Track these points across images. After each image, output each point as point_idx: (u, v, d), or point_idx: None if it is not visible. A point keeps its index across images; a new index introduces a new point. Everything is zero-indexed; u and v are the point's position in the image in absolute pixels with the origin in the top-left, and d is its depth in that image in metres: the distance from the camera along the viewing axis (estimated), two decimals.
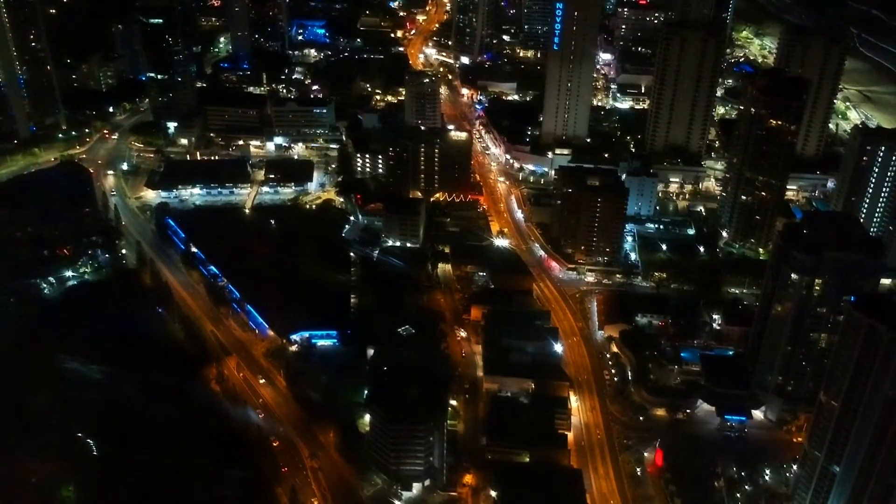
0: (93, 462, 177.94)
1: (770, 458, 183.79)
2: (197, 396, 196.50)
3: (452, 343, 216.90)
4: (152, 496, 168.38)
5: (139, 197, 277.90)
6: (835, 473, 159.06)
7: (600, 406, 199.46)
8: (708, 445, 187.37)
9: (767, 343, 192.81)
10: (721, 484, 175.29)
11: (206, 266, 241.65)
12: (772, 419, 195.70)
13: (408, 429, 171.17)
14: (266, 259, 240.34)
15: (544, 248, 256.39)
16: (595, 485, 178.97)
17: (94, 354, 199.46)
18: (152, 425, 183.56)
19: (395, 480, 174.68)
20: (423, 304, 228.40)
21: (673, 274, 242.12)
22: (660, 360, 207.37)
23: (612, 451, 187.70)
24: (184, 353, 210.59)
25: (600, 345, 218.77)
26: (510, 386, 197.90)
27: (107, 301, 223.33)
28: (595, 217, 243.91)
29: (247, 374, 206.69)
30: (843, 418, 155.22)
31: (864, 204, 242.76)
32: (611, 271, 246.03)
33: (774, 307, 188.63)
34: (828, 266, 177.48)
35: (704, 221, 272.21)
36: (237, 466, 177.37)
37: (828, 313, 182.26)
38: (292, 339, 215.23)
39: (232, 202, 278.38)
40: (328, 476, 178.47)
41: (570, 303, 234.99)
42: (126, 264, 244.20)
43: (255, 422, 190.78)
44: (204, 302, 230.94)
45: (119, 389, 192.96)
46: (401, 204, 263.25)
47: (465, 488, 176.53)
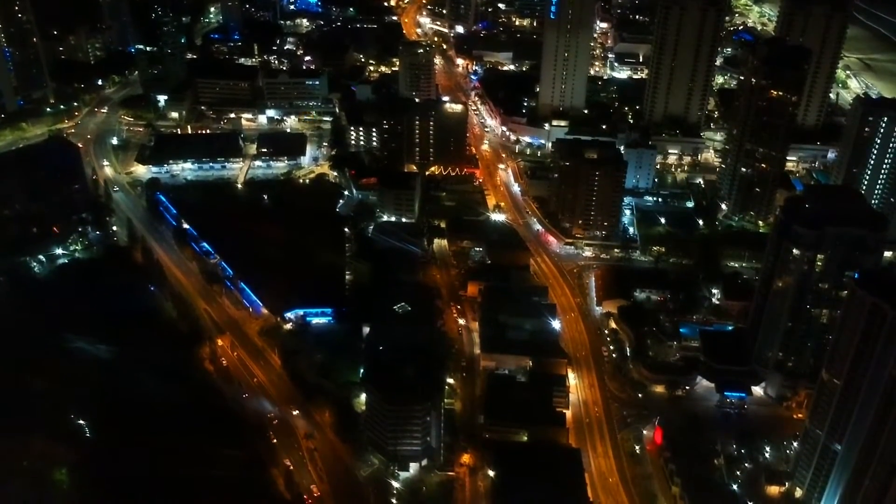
0: (86, 443, 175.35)
1: (770, 435, 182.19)
2: (190, 376, 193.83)
3: (449, 320, 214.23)
4: (146, 477, 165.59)
5: (129, 172, 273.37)
6: (836, 452, 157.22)
7: (599, 383, 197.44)
8: (707, 422, 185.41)
9: (768, 319, 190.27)
10: (721, 461, 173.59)
11: (199, 243, 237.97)
12: (772, 395, 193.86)
13: (404, 409, 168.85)
14: (259, 235, 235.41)
15: (541, 223, 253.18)
16: (594, 463, 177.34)
17: (86, 334, 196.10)
18: (145, 405, 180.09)
19: (392, 461, 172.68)
20: (419, 280, 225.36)
21: (672, 248, 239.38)
22: (659, 336, 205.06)
23: (610, 429, 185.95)
24: (177, 332, 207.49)
25: (598, 321, 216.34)
26: (508, 363, 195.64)
27: (98, 279, 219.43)
28: (593, 191, 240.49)
29: (241, 353, 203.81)
30: (846, 397, 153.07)
31: (865, 176, 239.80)
32: (609, 246, 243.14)
33: (775, 282, 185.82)
34: (830, 241, 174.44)
35: (703, 194, 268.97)
36: (231, 447, 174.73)
37: (830, 289, 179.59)
38: (286, 317, 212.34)
39: (224, 177, 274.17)
40: (324, 456, 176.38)
41: (568, 278, 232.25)
42: (117, 241, 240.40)
43: (249, 402, 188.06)
44: (196, 279, 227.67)
45: (111, 369, 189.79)
46: (395, 178, 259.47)
47: (462, 468, 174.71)
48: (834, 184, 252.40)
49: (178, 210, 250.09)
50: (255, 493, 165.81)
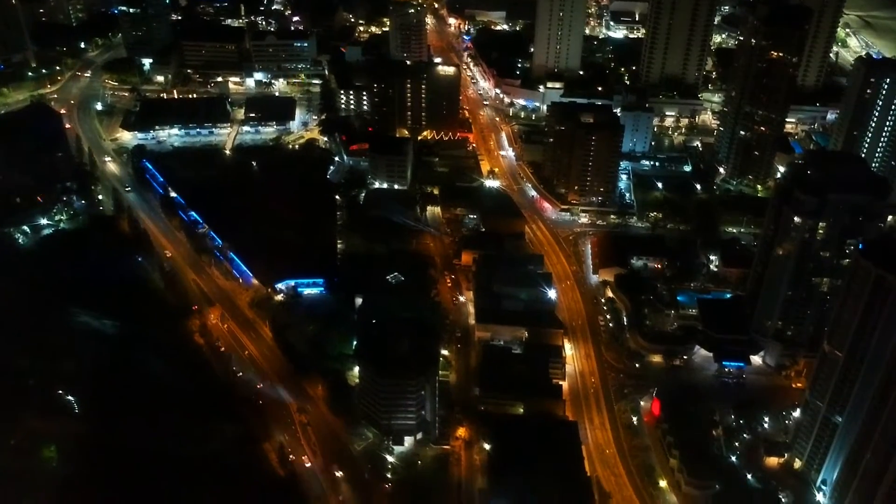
0: (75, 419, 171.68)
1: (769, 405, 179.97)
2: (180, 350, 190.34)
3: (443, 290, 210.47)
4: (137, 453, 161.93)
5: (115, 139, 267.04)
6: (836, 424, 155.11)
7: (595, 353, 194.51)
8: (705, 392, 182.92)
9: (767, 287, 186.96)
10: (719, 432, 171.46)
11: (187, 211, 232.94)
12: (770, 365, 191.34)
13: (398, 383, 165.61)
14: (248, 203, 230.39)
15: (536, 189, 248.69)
16: (591, 435, 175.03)
17: (73, 307, 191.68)
18: (134, 380, 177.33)
19: (387, 435, 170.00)
20: (412, 249, 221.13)
21: (669, 213, 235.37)
22: (656, 305, 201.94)
23: (607, 400, 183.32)
24: (165, 305, 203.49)
25: (595, 289, 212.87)
26: (503, 334, 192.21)
27: (84, 250, 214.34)
28: (589, 156, 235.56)
29: (231, 325, 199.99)
30: (848, 369, 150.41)
31: (865, 138, 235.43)
32: (605, 212, 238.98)
33: (775, 250, 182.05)
34: (832, 208, 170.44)
35: (701, 157, 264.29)
36: (223, 422, 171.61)
37: (831, 257, 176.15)
38: (277, 288, 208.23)
39: (211, 143, 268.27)
40: (317, 430, 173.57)
41: (564, 245, 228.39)
42: (103, 211, 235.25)
43: (241, 376, 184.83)
44: (185, 249, 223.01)
45: (99, 342, 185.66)
46: (387, 144, 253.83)
47: (457, 441, 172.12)
48: (833, 146, 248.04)
49: (165, 177, 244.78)
50: (248, 469, 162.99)
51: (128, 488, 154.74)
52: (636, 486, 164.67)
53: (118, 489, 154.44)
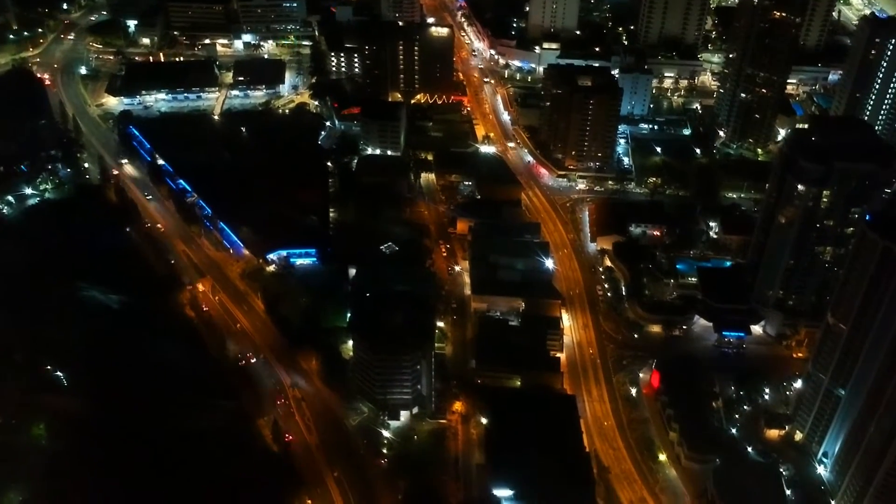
0: (64, 395, 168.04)
1: (769, 376, 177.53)
2: (170, 323, 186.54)
3: (438, 259, 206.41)
4: (125, 430, 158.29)
5: (100, 104, 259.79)
6: (840, 397, 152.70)
7: (593, 324, 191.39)
8: (705, 363, 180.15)
9: (769, 256, 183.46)
10: (719, 404, 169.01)
11: (175, 180, 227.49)
12: (771, 334, 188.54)
13: (393, 358, 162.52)
14: (238, 171, 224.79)
15: (532, 154, 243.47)
16: (589, 408, 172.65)
17: (59, 279, 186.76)
18: (124, 354, 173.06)
19: (382, 409, 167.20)
20: (406, 218, 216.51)
21: (668, 178, 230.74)
22: (655, 274, 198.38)
23: (605, 372, 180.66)
24: (154, 276, 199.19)
25: (593, 258, 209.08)
26: (499, 305, 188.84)
27: (70, 220, 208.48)
28: (587, 120, 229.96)
29: (222, 297, 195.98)
30: (852, 342, 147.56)
31: (869, 101, 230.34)
32: (603, 177, 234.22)
33: (777, 219, 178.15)
34: (837, 176, 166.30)
35: (700, 120, 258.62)
36: (215, 398, 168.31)
37: (835, 226, 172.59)
38: (269, 258, 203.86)
39: (199, 108, 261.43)
40: (312, 405, 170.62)
41: (561, 213, 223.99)
42: (89, 180, 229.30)
43: (233, 350, 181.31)
44: (174, 219, 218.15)
45: (87, 316, 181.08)
46: (379, 108, 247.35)
47: (454, 415, 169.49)
48: (836, 109, 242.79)
49: (153, 144, 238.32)
50: (241, 446, 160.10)
51: (116, 466, 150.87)
52: (635, 460, 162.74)
53: (107, 466, 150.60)
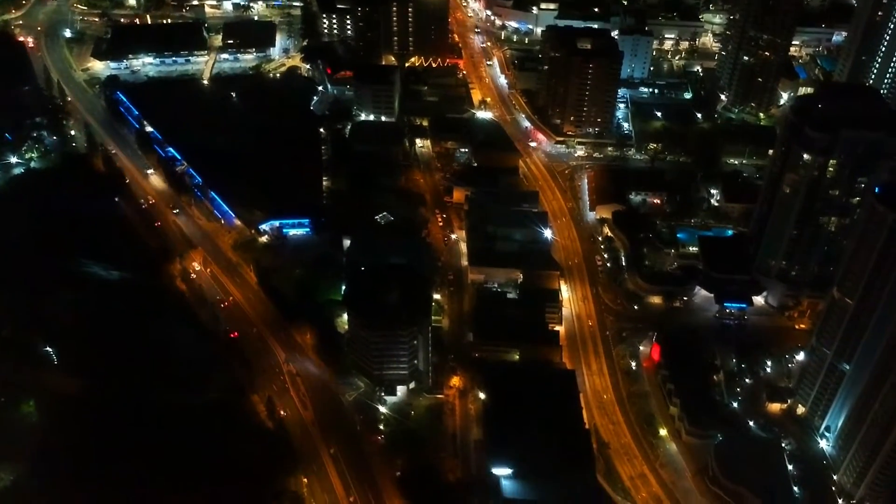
0: (54, 372, 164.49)
1: (771, 348, 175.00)
2: (162, 296, 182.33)
3: (434, 229, 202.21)
4: (118, 406, 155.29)
5: (86, 69, 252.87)
6: (844, 371, 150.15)
7: (592, 295, 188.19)
8: (705, 334, 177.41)
9: (772, 226, 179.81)
10: (720, 377, 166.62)
11: (164, 147, 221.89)
12: (773, 305, 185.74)
13: (389, 334, 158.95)
14: (229, 138, 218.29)
15: (530, 119, 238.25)
16: (588, 382, 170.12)
17: (46, 251, 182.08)
18: (114, 328, 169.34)
19: (378, 385, 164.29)
20: (401, 186, 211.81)
21: (668, 144, 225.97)
22: (655, 243, 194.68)
23: (605, 345, 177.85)
24: (145, 248, 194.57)
25: (592, 227, 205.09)
26: (497, 276, 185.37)
27: (58, 190, 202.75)
28: (586, 84, 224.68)
29: (214, 269, 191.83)
30: (858, 316, 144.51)
31: (874, 64, 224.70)
32: (602, 143, 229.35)
33: (782, 188, 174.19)
34: (844, 145, 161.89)
35: (701, 83, 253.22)
36: (208, 373, 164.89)
37: (840, 195, 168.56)
38: (261, 229, 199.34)
39: (188, 72, 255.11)
40: (306, 381, 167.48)
41: (560, 180, 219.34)
42: (76, 148, 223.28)
43: (226, 325, 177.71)
44: (164, 189, 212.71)
45: (76, 289, 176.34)
46: (373, 72, 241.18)
47: (451, 390, 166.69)
48: (840, 72, 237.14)
49: (140, 111, 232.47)
50: (235, 422, 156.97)
51: (108, 443, 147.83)
52: (635, 435, 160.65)
53: (98, 443, 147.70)
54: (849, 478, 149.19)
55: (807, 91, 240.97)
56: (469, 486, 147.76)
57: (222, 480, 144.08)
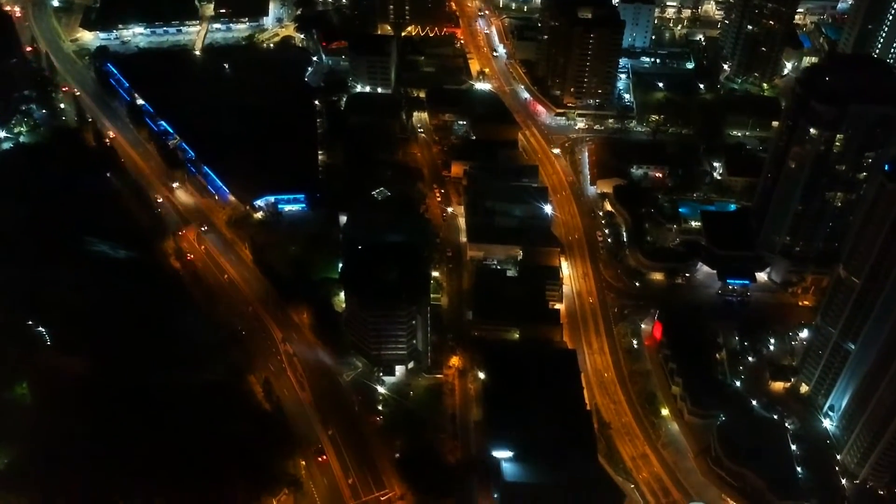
0: (47, 353, 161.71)
1: (774, 324, 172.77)
2: (156, 275, 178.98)
3: (432, 204, 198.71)
4: (113, 388, 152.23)
5: (75, 39, 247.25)
6: (849, 351, 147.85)
7: (593, 272, 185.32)
8: (708, 311, 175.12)
9: (777, 201, 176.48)
10: (723, 355, 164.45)
11: (156, 121, 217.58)
12: (776, 281, 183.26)
13: (388, 314, 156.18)
14: (222, 111, 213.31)
15: (529, 91, 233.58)
16: (589, 360, 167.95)
17: (37, 229, 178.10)
18: (108, 308, 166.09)
19: (377, 365, 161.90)
20: (398, 161, 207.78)
21: (670, 116, 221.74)
22: (657, 219, 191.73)
23: (606, 323, 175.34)
24: (138, 225, 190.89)
25: (592, 202, 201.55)
26: (496, 253, 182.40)
27: (48, 166, 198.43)
28: (587, 55, 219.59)
29: (209, 246, 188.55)
30: (864, 296, 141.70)
31: (881, 33, 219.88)
32: (603, 115, 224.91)
33: (787, 163, 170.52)
34: (852, 120, 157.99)
35: (704, 53, 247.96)
36: (203, 353, 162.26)
37: (847, 170, 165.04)
38: (256, 205, 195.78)
39: (180, 43, 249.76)
40: (304, 361, 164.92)
41: (560, 153, 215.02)
42: (66, 121, 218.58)
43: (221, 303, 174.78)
44: (156, 163, 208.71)
45: (68, 268, 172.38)
46: (368, 42, 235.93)
47: (451, 370, 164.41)
48: (846, 42, 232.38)
49: (131, 83, 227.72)
50: (232, 404, 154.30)
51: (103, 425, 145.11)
52: (636, 414, 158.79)
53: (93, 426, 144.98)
54: (853, 458, 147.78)
55: (811, 61, 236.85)
56: (469, 469, 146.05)
57: (220, 466, 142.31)
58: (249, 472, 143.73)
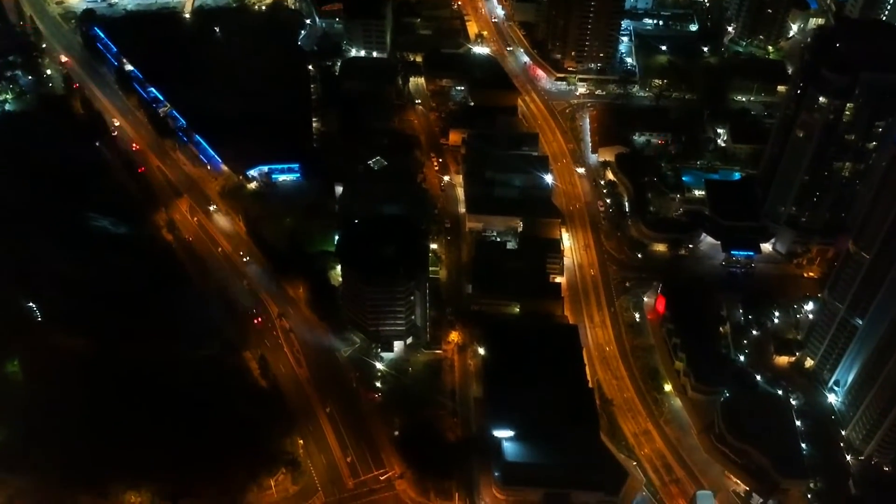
0: (38, 329, 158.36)
1: (778, 297, 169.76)
2: (148, 248, 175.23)
3: (430, 173, 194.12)
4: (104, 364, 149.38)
5: (60, 2, 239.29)
6: (856, 326, 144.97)
7: (595, 243, 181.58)
8: (712, 283, 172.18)
9: (783, 171, 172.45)
10: (726, 329, 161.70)
11: (145, 87, 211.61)
12: (781, 252, 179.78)
13: (386, 290, 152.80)
14: (213, 77, 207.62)
15: (529, 54, 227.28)
16: (590, 334, 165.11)
17: (24, 200, 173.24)
18: (99, 283, 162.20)
19: (374, 341, 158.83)
20: (394, 128, 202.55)
21: (674, 80, 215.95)
22: (660, 188, 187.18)
23: (608, 295, 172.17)
24: (129, 196, 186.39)
25: (594, 170, 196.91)
26: (496, 224, 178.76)
27: (35, 135, 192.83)
28: (588, 16, 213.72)
29: (201, 218, 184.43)
30: (874, 271, 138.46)
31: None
32: (605, 80, 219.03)
33: (795, 132, 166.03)
34: (863, 88, 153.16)
35: (708, 14, 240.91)
36: (198, 329, 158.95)
37: (857, 140, 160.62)
38: (249, 175, 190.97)
39: (169, 5, 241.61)
40: (301, 337, 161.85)
41: (560, 120, 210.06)
42: (52, 88, 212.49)
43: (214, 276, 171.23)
44: (146, 132, 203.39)
45: (58, 242, 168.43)
46: (363, 3, 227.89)
47: (450, 345, 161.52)
48: (854, 2, 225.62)
49: (119, 47, 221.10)
50: (227, 381, 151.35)
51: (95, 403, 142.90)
52: (639, 390, 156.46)
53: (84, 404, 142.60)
54: (858, 433, 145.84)
55: (818, 22, 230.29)
56: (469, 447, 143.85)
57: (216, 445, 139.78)
58: (246, 452, 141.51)
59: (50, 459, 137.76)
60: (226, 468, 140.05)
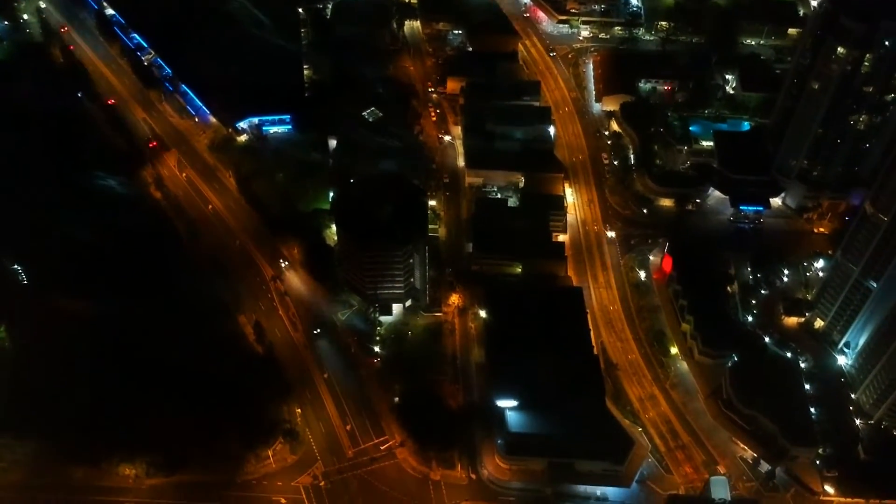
0: (24, 292, 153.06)
1: (787, 254, 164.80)
2: (136, 206, 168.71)
3: (427, 125, 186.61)
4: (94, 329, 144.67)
5: None
6: (870, 289, 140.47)
7: (598, 198, 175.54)
8: (720, 240, 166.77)
9: (796, 124, 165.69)
10: (734, 288, 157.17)
11: (128, 33, 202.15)
12: (791, 207, 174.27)
13: (383, 254, 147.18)
14: (198, 23, 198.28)
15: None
16: (594, 295, 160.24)
17: (4, 156, 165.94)
18: (86, 244, 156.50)
19: (372, 304, 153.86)
20: (389, 76, 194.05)
21: (681, 22, 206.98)
22: (666, 139, 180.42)
23: (612, 254, 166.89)
24: (115, 151, 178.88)
25: (598, 120, 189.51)
26: (496, 179, 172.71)
27: (13, 85, 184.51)
28: None
29: (190, 173, 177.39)
30: (891, 234, 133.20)
31: None
32: (609, 23, 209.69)
33: (810, 83, 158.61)
34: (884, 37, 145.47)
35: None
36: (190, 293, 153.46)
37: (874, 92, 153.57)
38: (239, 127, 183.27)
39: None
40: (296, 300, 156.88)
41: (563, 66, 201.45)
42: (31, 35, 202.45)
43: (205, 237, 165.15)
44: (131, 81, 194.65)
45: (41, 201, 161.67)
46: None
47: (450, 308, 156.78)
48: None
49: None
50: (222, 346, 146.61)
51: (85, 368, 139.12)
52: (644, 354, 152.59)
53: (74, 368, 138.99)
54: (868, 397, 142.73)
55: None
56: (471, 415, 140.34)
57: (211, 414, 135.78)
58: (243, 421, 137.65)
59: (40, 430, 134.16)
60: (222, 438, 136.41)
